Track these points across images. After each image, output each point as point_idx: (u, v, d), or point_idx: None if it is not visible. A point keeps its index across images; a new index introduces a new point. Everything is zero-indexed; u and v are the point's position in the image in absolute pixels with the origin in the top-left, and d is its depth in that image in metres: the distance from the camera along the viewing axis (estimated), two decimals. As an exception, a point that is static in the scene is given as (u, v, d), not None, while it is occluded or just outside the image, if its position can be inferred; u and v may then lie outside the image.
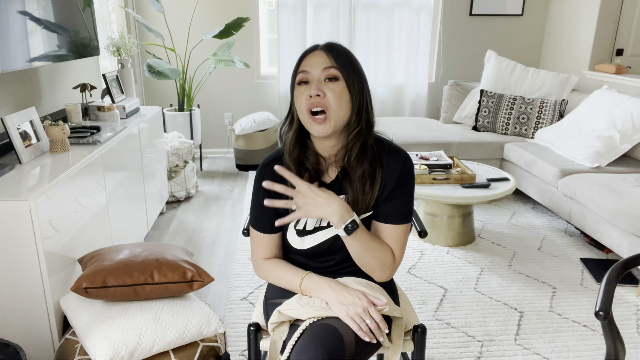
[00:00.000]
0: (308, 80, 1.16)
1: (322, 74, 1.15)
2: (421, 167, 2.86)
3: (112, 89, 2.86)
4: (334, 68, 1.15)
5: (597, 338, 2.04)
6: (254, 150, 4.15)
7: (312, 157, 1.24)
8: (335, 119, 1.15)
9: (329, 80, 1.15)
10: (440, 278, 2.51)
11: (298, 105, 1.18)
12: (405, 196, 1.24)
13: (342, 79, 1.15)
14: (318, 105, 1.14)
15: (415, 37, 4.41)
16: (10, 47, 1.87)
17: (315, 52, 1.18)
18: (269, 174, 1.25)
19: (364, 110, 1.19)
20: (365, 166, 1.20)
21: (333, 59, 1.16)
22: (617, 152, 3.06)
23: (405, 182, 1.23)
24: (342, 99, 1.15)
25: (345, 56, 1.18)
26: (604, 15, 3.87)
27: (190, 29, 4.18)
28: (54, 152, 2.03)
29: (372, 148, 1.21)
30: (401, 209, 1.23)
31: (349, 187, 1.21)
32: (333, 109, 1.14)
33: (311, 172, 1.23)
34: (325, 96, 1.14)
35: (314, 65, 1.16)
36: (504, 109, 3.79)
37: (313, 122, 1.15)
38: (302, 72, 1.17)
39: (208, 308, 1.62)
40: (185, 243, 2.89)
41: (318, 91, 1.14)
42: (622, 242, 2.46)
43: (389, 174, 1.22)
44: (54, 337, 1.65)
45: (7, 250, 1.54)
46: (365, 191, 1.20)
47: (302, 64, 1.18)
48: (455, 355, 1.93)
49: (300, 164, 1.23)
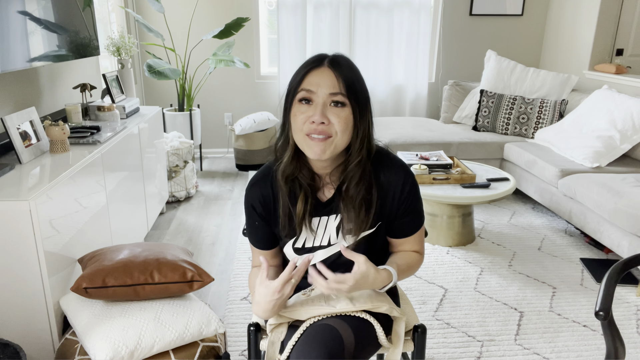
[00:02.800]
0: (311, 100, 1.08)
1: (328, 99, 1.07)
2: (421, 167, 2.86)
3: (112, 89, 2.86)
4: (341, 95, 1.07)
5: (597, 338, 2.04)
6: (254, 150, 4.15)
7: (307, 174, 1.18)
8: (337, 145, 1.10)
9: (334, 104, 1.08)
10: (440, 278, 2.51)
11: (295, 123, 1.10)
12: (415, 209, 1.23)
13: (349, 105, 1.08)
14: (322, 133, 1.07)
15: (415, 37, 4.41)
16: (10, 47, 1.87)
17: (322, 68, 1.09)
18: (259, 194, 1.22)
19: (367, 138, 1.14)
20: (362, 193, 1.15)
21: (342, 82, 1.07)
22: (617, 152, 3.06)
23: (410, 198, 1.20)
24: (347, 126, 1.09)
25: (353, 78, 1.10)
26: (604, 15, 3.87)
27: (190, 29, 4.18)
28: (54, 152, 2.03)
29: (369, 174, 1.17)
30: (414, 219, 1.24)
31: (345, 209, 1.17)
32: (338, 136, 1.08)
33: (306, 188, 1.18)
34: (330, 123, 1.07)
35: (321, 85, 1.07)
36: (504, 109, 3.79)
37: (310, 142, 1.08)
38: (305, 89, 1.08)
39: (208, 308, 1.62)
40: (185, 243, 2.89)
41: (323, 118, 1.06)
42: (622, 242, 2.46)
43: (389, 191, 1.19)
44: (54, 337, 1.65)
45: (7, 250, 1.54)
46: (360, 217, 1.16)
47: (307, 80, 1.09)
48: (455, 355, 1.93)
49: (294, 180, 1.18)
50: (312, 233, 1.21)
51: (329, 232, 1.21)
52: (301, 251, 1.23)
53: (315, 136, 1.08)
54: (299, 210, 1.17)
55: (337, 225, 1.20)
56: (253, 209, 1.23)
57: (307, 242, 1.23)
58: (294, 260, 1.11)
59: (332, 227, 1.21)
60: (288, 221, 1.20)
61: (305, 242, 1.23)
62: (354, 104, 1.09)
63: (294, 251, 1.24)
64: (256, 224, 1.24)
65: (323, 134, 1.07)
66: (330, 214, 1.21)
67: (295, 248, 1.24)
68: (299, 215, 1.18)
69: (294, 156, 1.16)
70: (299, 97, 1.09)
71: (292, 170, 1.17)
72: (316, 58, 1.11)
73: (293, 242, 1.23)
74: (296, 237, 1.22)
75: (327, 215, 1.21)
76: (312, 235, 1.22)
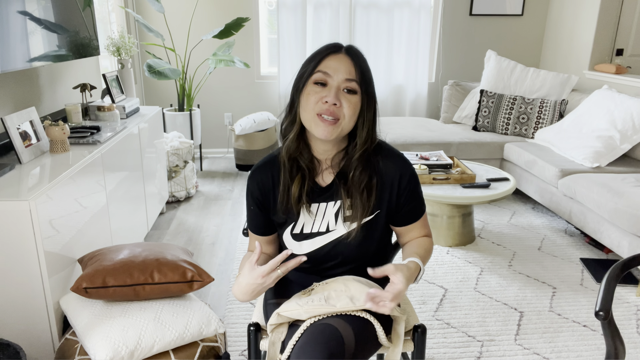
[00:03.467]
0: (327, 83, 1.13)
1: (344, 84, 1.13)
2: (421, 167, 2.86)
3: (112, 89, 2.86)
4: (355, 82, 1.13)
5: (597, 338, 2.04)
6: (254, 150, 4.15)
7: (307, 156, 1.23)
8: (343, 128, 1.15)
9: (347, 91, 1.13)
10: (440, 278, 2.51)
11: (306, 102, 1.14)
12: (416, 196, 1.28)
13: (359, 93, 1.15)
14: (332, 114, 1.12)
15: (415, 37, 4.41)
16: (10, 47, 1.87)
17: (339, 55, 1.15)
18: (258, 179, 1.25)
19: (372, 129, 1.20)
20: (365, 180, 1.21)
21: (357, 70, 1.13)
22: (617, 152, 3.06)
23: (411, 187, 1.25)
24: (355, 112, 1.15)
25: (366, 68, 1.16)
26: (604, 15, 3.87)
27: (190, 29, 4.18)
28: (54, 152, 2.03)
29: (372, 162, 1.23)
30: (417, 206, 1.28)
31: (346, 195, 1.21)
32: (345, 120, 1.14)
33: (304, 170, 1.22)
34: (342, 106, 1.13)
35: (338, 70, 1.13)
36: (504, 109, 3.79)
37: (320, 122, 1.13)
38: (322, 72, 1.13)
39: (208, 308, 1.62)
40: (185, 243, 2.89)
41: (336, 100, 1.12)
42: (622, 242, 2.46)
43: (387, 179, 1.23)
44: (54, 337, 1.65)
45: (7, 250, 1.54)
46: (363, 203, 1.21)
47: (324, 63, 1.14)
48: (455, 355, 1.93)
49: (294, 161, 1.23)
50: (310, 216, 1.24)
51: (327, 219, 1.24)
52: (299, 237, 1.25)
53: (325, 117, 1.13)
54: (295, 190, 1.21)
55: (336, 212, 1.24)
56: (251, 194, 1.27)
57: (306, 228, 1.25)
58: (287, 251, 1.13)
59: (331, 214, 1.24)
60: (286, 203, 1.22)
61: (303, 227, 1.25)
62: (364, 94, 1.15)
63: (293, 237, 1.26)
64: (251, 208, 1.28)
65: (333, 115, 1.12)
66: (329, 200, 1.24)
67: (293, 234, 1.26)
68: (294, 195, 1.21)
69: (298, 136, 1.20)
70: (315, 78, 1.14)
71: (295, 150, 1.21)
72: (333, 45, 1.17)
73: (292, 229, 1.26)
74: (294, 222, 1.25)
75: (326, 202, 1.24)
76: (310, 220, 1.24)
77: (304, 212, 1.23)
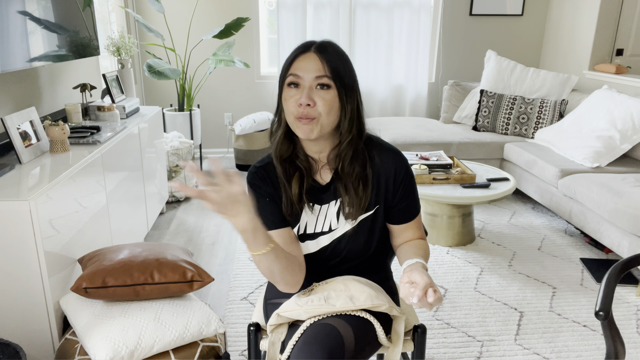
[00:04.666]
0: (298, 84, 1.14)
1: (314, 82, 1.12)
2: (421, 167, 2.86)
3: (112, 89, 2.86)
4: (327, 77, 1.12)
5: (597, 338, 2.04)
6: (254, 150, 4.15)
7: (303, 157, 1.23)
8: (323, 125, 1.14)
9: (320, 87, 1.13)
10: (440, 278, 2.51)
11: (286, 106, 1.16)
12: (411, 193, 1.27)
13: (334, 87, 1.13)
14: (307, 116, 1.12)
15: (415, 37, 4.41)
16: (10, 47, 1.87)
17: (308, 54, 1.14)
18: (258, 176, 1.24)
19: (356, 118, 1.18)
20: (357, 170, 1.20)
21: (326, 66, 1.12)
22: (617, 152, 3.06)
23: (406, 182, 1.25)
24: (332, 108, 1.14)
25: (338, 62, 1.14)
26: (604, 15, 3.87)
27: (190, 29, 4.18)
28: (54, 152, 2.03)
29: (362, 152, 1.22)
30: (412, 204, 1.28)
31: (344, 191, 1.22)
32: (322, 116, 1.13)
33: (302, 170, 1.22)
34: (316, 105, 1.12)
35: (306, 69, 1.13)
36: (504, 109, 3.79)
37: (300, 124, 1.14)
38: (293, 74, 1.14)
39: (208, 308, 1.62)
40: (185, 243, 2.89)
41: (309, 100, 1.11)
42: (622, 242, 2.46)
43: (383, 173, 1.23)
44: (54, 337, 1.65)
45: (7, 250, 1.54)
46: (359, 194, 1.21)
47: (294, 66, 1.14)
48: (455, 355, 1.93)
49: (290, 162, 1.23)
50: (312, 215, 1.24)
51: (329, 218, 1.25)
52: (303, 237, 1.26)
53: (304, 120, 1.13)
54: (294, 190, 1.21)
55: (337, 211, 1.24)
56: (258, 188, 1.22)
57: (309, 228, 1.25)
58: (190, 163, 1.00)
59: (333, 213, 1.25)
60: (291, 205, 1.22)
61: (306, 227, 1.25)
62: (339, 86, 1.14)
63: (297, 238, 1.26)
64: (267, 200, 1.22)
65: (307, 117, 1.12)
66: (330, 200, 1.24)
67: (297, 235, 1.26)
68: (295, 195, 1.21)
69: (286, 136, 1.21)
70: (287, 81, 1.15)
71: (286, 150, 1.22)
72: (304, 45, 1.17)
73: (297, 231, 1.26)
74: (297, 223, 1.25)
75: (327, 203, 1.25)
76: (313, 220, 1.24)
77: (306, 211, 1.24)
